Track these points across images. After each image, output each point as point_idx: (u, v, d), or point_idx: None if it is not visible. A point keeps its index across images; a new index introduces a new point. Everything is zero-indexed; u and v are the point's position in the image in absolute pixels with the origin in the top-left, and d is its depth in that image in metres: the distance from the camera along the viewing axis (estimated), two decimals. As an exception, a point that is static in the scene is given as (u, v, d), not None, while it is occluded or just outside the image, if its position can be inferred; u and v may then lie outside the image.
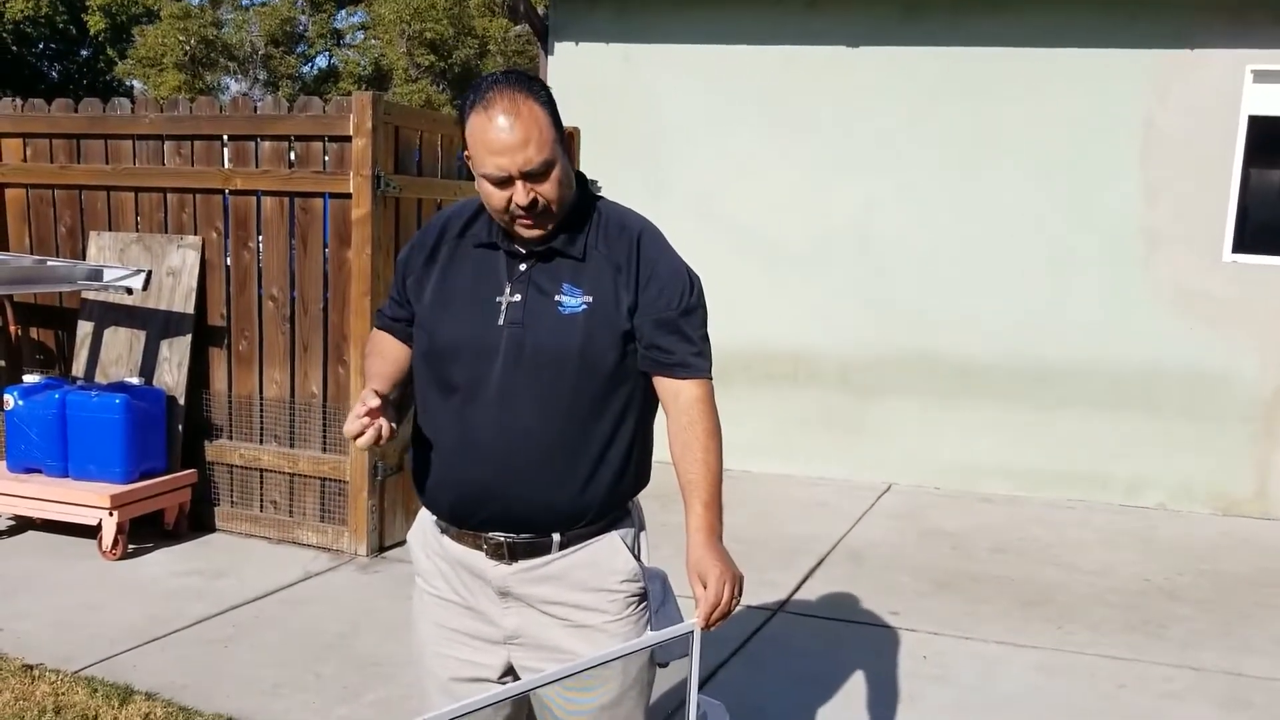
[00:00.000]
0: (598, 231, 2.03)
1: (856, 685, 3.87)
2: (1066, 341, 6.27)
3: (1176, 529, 5.88)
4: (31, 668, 3.73)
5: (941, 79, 6.34)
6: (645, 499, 2.17)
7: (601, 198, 2.11)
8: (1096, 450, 6.29)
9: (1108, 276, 6.16)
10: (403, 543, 5.29)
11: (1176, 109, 5.99)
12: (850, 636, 4.34)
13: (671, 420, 2.02)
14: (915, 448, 6.62)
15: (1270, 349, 5.94)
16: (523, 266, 2.02)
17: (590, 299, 1.98)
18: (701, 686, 1.90)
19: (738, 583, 1.90)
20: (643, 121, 6.81)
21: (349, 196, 4.98)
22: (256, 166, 5.20)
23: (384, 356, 2.20)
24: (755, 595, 4.52)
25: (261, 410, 5.31)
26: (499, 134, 1.88)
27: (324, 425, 5.20)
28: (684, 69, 6.76)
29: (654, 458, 2.14)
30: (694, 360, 2.01)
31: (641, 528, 2.14)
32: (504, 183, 1.91)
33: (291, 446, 5.27)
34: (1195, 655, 4.19)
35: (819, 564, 5.17)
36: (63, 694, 3.52)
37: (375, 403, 1.94)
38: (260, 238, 5.26)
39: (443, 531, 2.11)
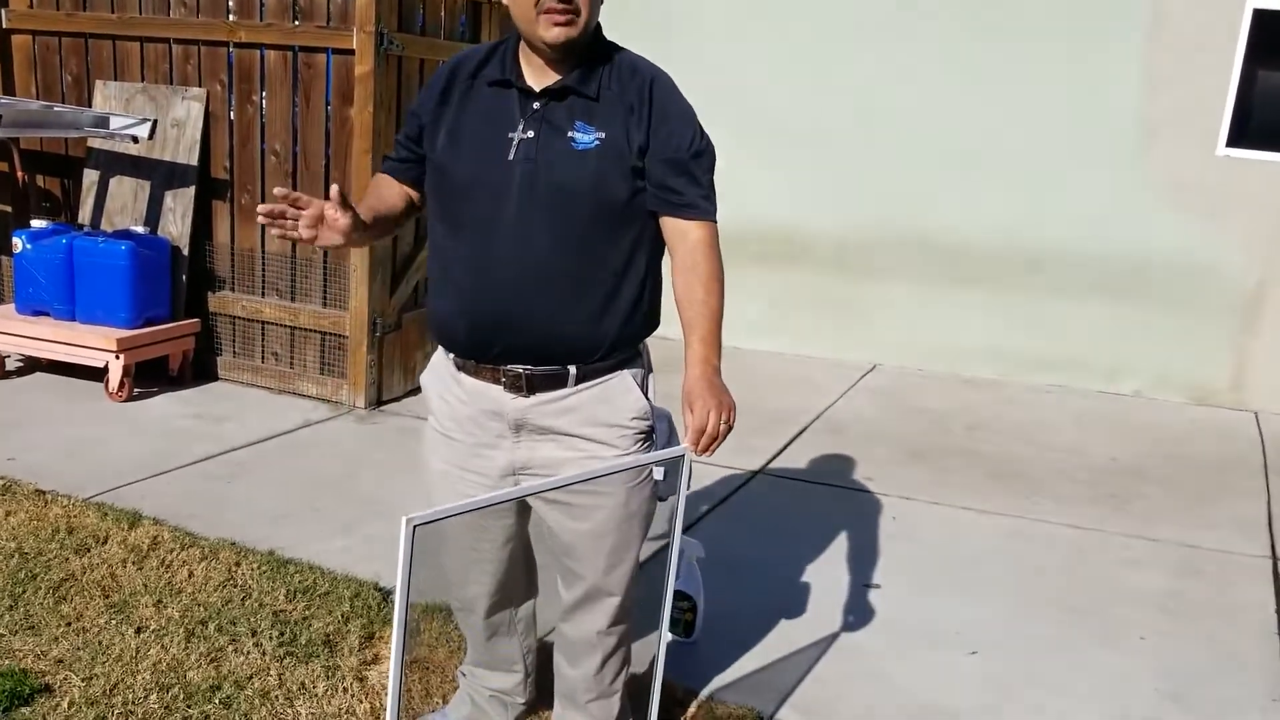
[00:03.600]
0: (611, 73, 2.09)
1: (827, 540, 4.07)
2: (1060, 230, 6.36)
3: (1150, 415, 6.05)
4: (43, 493, 3.92)
5: (950, -40, 6.31)
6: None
7: (616, 44, 2.17)
8: (1080, 338, 6.43)
9: (1105, 166, 6.22)
10: (400, 398, 5.48)
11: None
12: (825, 497, 4.54)
13: (676, 261, 2.11)
14: (903, 330, 6.76)
15: (1256, 242, 6.04)
16: (535, 105, 2.06)
17: (602, 135, 2.04)
18: (684, 531, 2.06)
19: (728, 410, 2.00)
20: (649, -7, 6.79)
21: (352, 53, 5.02)
22: (261, 19, 5.22)
23: (377, 193, 2.27)
24: (736, 459, 4.71)
25: (263, 264, 5.43)
26: None
27: (324, 280, 5.32)
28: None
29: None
30: (702, 202, 2.10)
31: (650, 370, 2.25)
32: None
33: (293, 300, 5.40)
34: (1154, 528, 4.39)
35: (800, 433, 5.35)
36: (74, 517, 3.72)
37: (314, 205, 2.01)
38: (264, 92, 5.31)
39: (459, 368, 2.18)
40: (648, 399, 2.20)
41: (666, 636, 2.13)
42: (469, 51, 2.19)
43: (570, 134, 2.04)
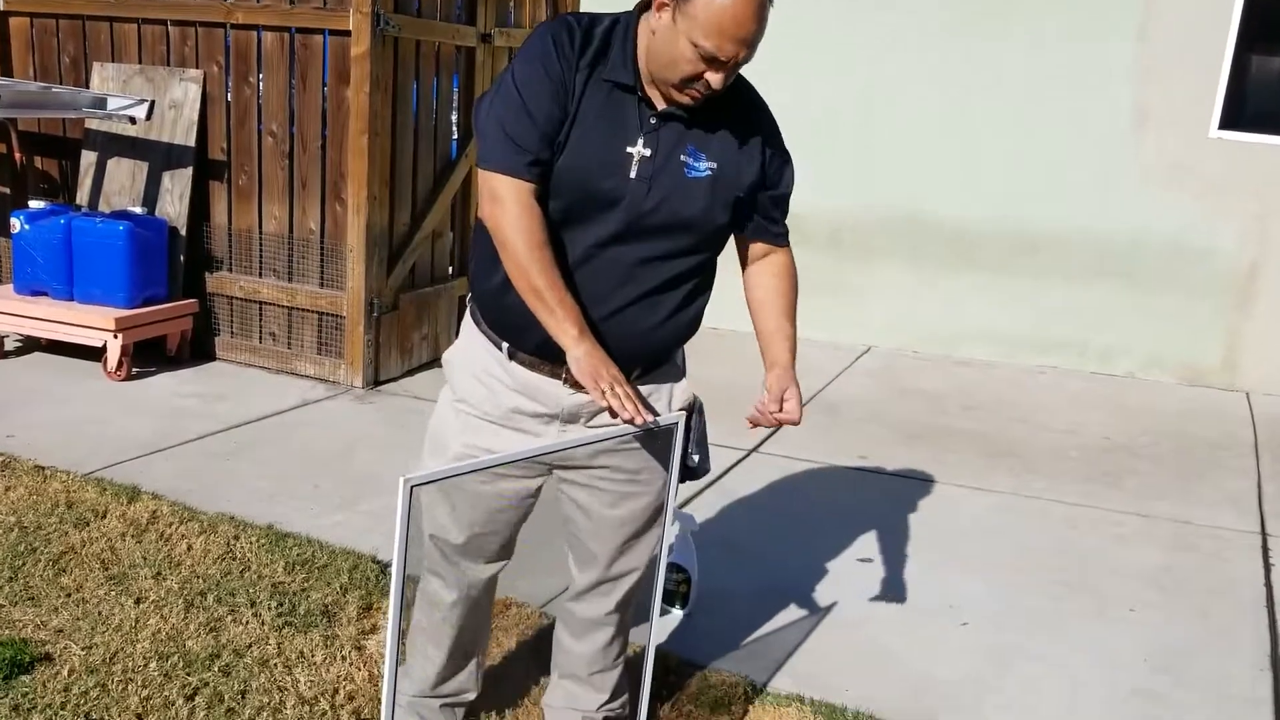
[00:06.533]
0: (727, 102, 2.03)
1: (821, 516, 4.11)
2: (1055, 212, 6.38)
3: (1144, 395, 6.09)
4: (43, 468, 3.94)
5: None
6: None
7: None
8: (1075, 320, 6.46)
9: (1100, 149, 6.24)
10: (397, 378, 5.50)
11: (1178, -19, 6.01)
12: (818, 475, 4.57)
13: (761, 274, 2.23)
14: (898, 312, 6.79)
15: (1248, 224, 6.07)
16: (654, 120, 2.01)
17: (714, 165, 2.03)
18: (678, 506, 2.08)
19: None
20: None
21: (348, 34, 5.03)
22: (258, 1, 5.23)
23: (547, 244, 1.98)
24: (730, 439, 4.73)
25: (261, 244, 5.45)
26: (742, 18, 1.85)
27: (321, 261, 5.34)
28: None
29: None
30: (787, 230, 2.24)
31: (685, 375, 2.28)
32: (714, 63, 1.88)
33: (290, 281, 5.42)
34: (1147, 504, 4.42)
35: (796, 413, 5.36)
36: (74, 491, 3.74)
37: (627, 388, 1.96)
38: (261, 73, 5.32)
39: (511, 358, 2.14)
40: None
41: (665, 612, 2.16)
42: (585, 29, 1.99)
43: (683, 158, 2.01)
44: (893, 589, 3.51)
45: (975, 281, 6.60)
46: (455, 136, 5.90)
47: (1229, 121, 6.04)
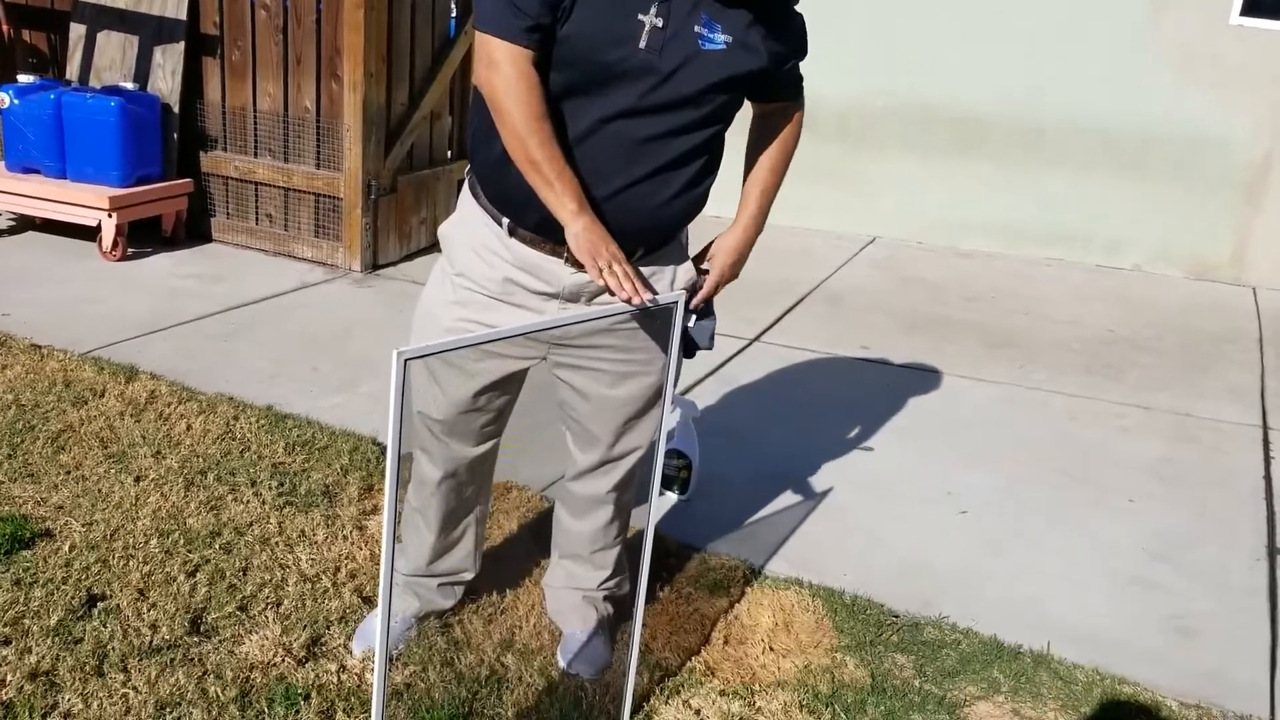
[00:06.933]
0: None
1: (822, 405, 4.09)
2: (1067, 101, 6.24)
3: (1149, 289, 6.04)
4: (39, 347, 3.91)
5: None
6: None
7: None
8: (1082, 211, 6.37)
9: (1115, 35, 6.07)
10: (396, 262, 5.44)
11: None
12: (819, 364, 4.55)
13: (766, 131, 2.20)
14: (903, 203, 6.69)
15: (1264, 115, 5.94)
16: None
17: (729, 39, 1.94)
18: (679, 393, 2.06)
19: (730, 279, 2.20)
20: None
21: (344, -98, 4.85)
22: None
23: (546, 114, 1.92)
24: (731, 329, 4.69)
25: (255, 123, 5.33)
26: None
27: (318, 141, 5.23)
28: None
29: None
30: (801, 84, 2.19)
31: (688, 257, 2.22)
32: None
33: (285, 161, 5.32)
34: (1149, 397, 4.41)
35: (797, 303, 5.33)
36: (71, 370, 3.72)
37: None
38: (253, -57, 5.15)
39: (511, 234, 2.07)
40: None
41: (664, 495, 2.15)
42: None
43: (697, 29, 1.92)
44: (892, 477, 3.51)
45: (982, 171, 6.49)
46: (454, 14, 5.74)
47: (1250, 7, 5.87)
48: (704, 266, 2.21)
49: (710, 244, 2.24)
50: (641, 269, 2.06)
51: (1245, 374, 4.74)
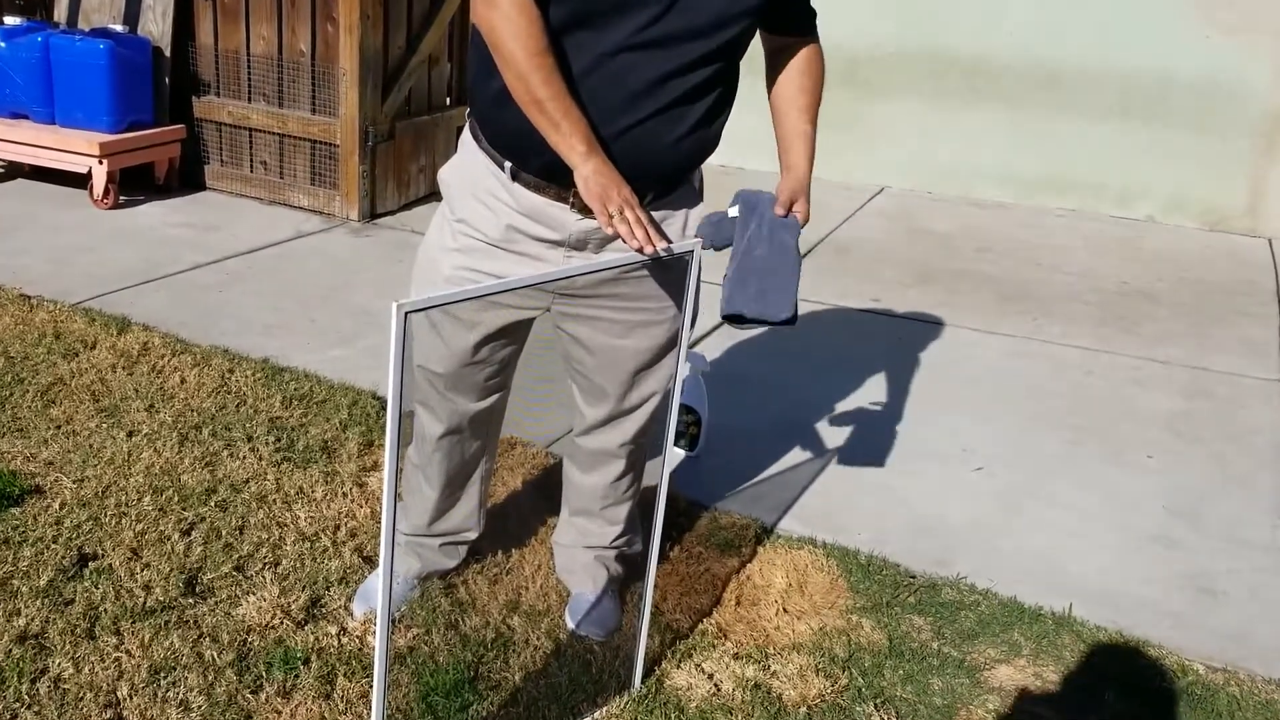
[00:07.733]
0: None
1: (832, 360, 4.00)
2: (1081, 46, 6.09)
3: (1163, 239, 5.92)
4: (29, 298, 3.81)
5: None
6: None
7: None
8: (1094, 159, 6.24)
9: (1130, -21, 5.93)
10: (394, 211, 5.33)
11: None
12: (829, 318, 4.45)
13: (784, 70, 2.10)
14: (913, 151, 6.55)
15: (1284, 63, 5.80)
16: None
17: None
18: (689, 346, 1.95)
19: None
20: None
21: None
22: None
23: (551, 52, 1.81)
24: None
25: (249, 67, 5.19)
26: None
27: (313, 86, 5.09)
28: None
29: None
30: (813, 15, 2.12)
31: (701, 200, 2.12)
32: None
33: (280, 106, 5.19)
34: (1164, 350, 4.32)
35: (804, 255, 5.21)
36: (61, 321, 3.63)
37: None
38: (245, -121, 4.98)
39: (514, 179, 1.98)
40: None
41: (675, 451, 2.05)
42: None
43: None
44: (904, 433, 3.43)
45: (993, 118, 6.35)
46: (453, -46, 5.58)
47: (1272, -50, 5.70)
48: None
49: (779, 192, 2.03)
50: (654, 214, 1.96)
51: (1261, 327, 4.64)
